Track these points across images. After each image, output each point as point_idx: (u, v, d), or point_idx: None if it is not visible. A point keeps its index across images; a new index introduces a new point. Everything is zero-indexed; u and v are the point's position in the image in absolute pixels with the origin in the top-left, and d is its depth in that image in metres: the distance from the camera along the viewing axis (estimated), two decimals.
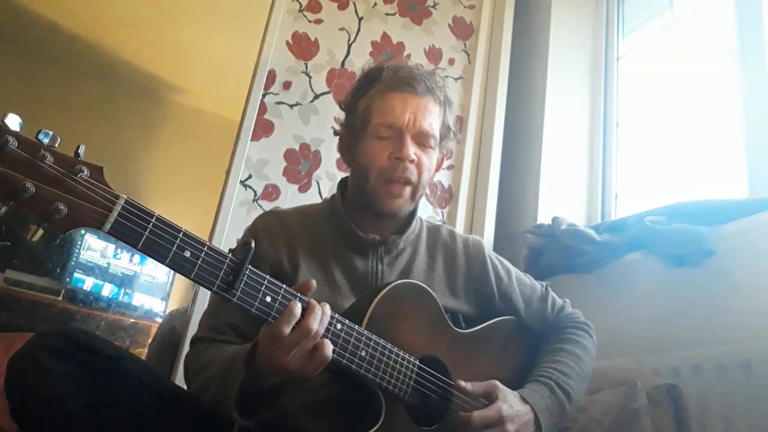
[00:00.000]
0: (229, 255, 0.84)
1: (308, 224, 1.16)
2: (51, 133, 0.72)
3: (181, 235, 0.80)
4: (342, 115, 1.23)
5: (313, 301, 0.88)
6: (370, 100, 1.13)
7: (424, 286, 1.08)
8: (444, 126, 1.17)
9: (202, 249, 0.81)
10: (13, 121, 0.71)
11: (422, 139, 1.11)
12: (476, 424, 0.97)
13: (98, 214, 0.74)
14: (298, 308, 0.85)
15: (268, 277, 0.86)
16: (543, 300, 1.26)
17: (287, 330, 0.83)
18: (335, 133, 1.23)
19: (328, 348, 0.86)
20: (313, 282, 0.90)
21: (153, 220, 0.78)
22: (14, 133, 0.70)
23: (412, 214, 1.19)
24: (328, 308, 0.89)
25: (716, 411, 1.32)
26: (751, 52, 1.72)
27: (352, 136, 1.17)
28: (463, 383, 1.01)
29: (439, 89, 1.15)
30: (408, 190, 1.11)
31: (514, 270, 1.27)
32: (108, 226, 0.75)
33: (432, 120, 1.13)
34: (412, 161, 1.09)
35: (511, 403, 1.00)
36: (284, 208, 1.24)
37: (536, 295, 1.26)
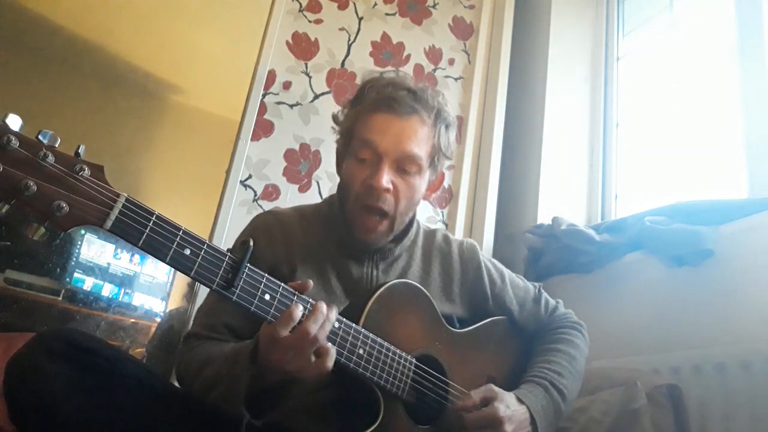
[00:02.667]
0: (228, 253, 0.84)
1: (305, 227, 1.15)
2: (51, 133, 0.73)
3: (180, 233, 0.80)
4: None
5: (320, 304, 0.88)
6: (354, 119, 1.10)
7: (419, 285, 1.08)
8: (435, 148, 1.09)
9: (201, 247, 0.81)
10: (14, 122, 0.71)
11: (404, 164, 1.06)
12: (475, 424, 0.97)
13: (99, 211, 0.75)
14: (298, 312, 0.85)
15: (266, 275, 0.87)
16: (536, 301, 1.27)
17: (284, 332, 0.83)
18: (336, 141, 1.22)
19: (331, 359, 0.86)
20: (310, 282, 0.91)
21: (153, 218, 0.78)
22: (15, 133, 0.70)
23: (410, 221, 1.17)
24: (333, 314, 0.89)
25: (716, 411, 1.32)
26: (751, 52, 1.72)
27: (341, 152, 1.15)
28: (462, 403, 1.00)
29: (427, 109, 1.08)
30: (385, 223, 1.07)
31: (507, 273, 1.27)
32: (109, 223, 0.75)
33: (416, 143, 1.05)
34: (387, 190, 1.04)
35: (507, 403, 1.00)
36: (281, 209, 1.24)
37: (529, 297, 1.27)
